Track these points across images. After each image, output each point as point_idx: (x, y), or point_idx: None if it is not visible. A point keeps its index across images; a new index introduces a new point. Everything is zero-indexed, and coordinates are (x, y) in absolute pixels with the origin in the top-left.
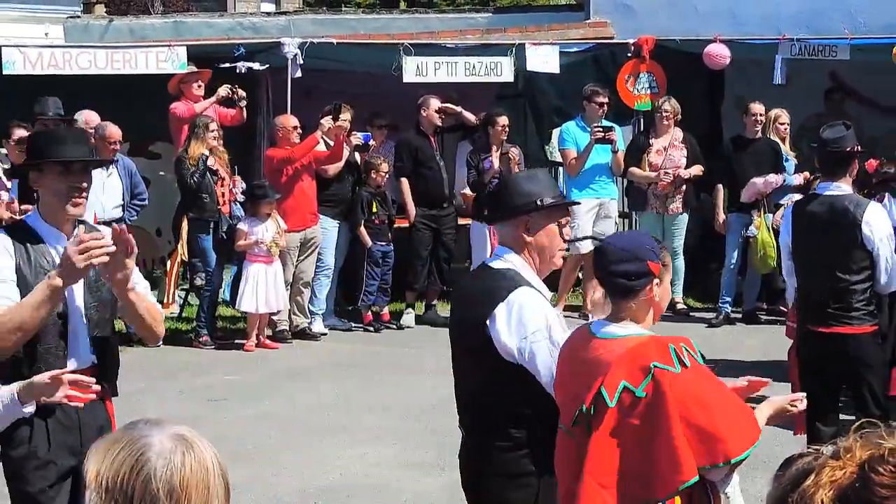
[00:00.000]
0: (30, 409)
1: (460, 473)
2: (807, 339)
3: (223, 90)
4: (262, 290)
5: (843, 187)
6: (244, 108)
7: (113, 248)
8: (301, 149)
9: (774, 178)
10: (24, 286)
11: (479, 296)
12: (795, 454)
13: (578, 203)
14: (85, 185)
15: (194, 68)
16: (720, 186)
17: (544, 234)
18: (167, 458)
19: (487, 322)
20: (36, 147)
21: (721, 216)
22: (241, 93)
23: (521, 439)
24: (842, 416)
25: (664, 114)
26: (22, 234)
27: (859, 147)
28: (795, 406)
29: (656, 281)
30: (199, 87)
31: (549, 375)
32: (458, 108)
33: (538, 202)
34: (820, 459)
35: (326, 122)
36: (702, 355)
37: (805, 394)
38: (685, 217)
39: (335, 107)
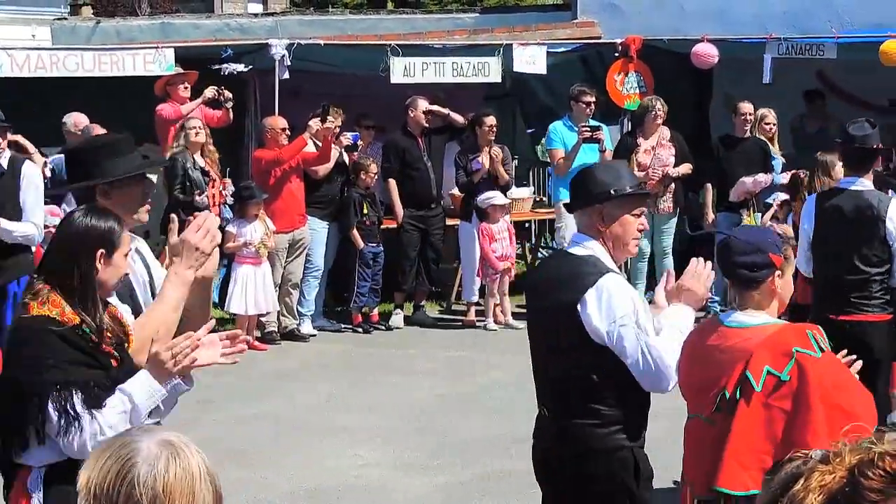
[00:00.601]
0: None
1: (542, 457)
2: (824, 327)
3: (209, 92)
4: (251, 291)
5: (866, 183)
6: (230, 110)
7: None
8: (289, 151)
9: (763, 178)
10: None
11: (567, 281)
12: (785, 458)
13: (650, 194)
14: (149, 190)
15: (181, 70)
16: (709, 186)
17: (619, 224)
18: (152, 465)
19: (578, 306)
20: (92, 162)
21: (710, 215)
22: (228, 94)
23: (612, 416)
24: None
25: (658, 112)
26: None
27: (881, 145)
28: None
29: (778, 272)
30: (186, 88)
31: (634, 357)
32: (446, 110)
33: (612, 191)
34: (809, 464)
35: (314, 123)
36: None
37: None
38: (675, 217)
39: (323, 108)
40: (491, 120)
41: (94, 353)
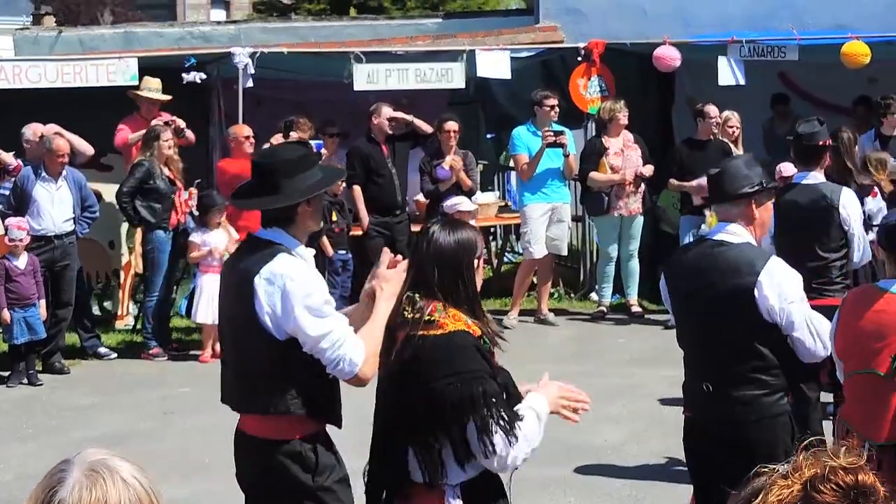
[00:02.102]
0: None
1: (706, 429)
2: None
3: (156, 122)
4: (216, 300)
5: (817, 176)
6: (186, 136)
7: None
8: (244, 173)
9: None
10: None
11: (734, 266)
12: (753, 473)
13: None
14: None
15: (157, 86)
16: (672, 180)
17: (765, 210)
18: (69, 493)
19: (755, 289)
20: (288, 174)
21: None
22: (180, 123)
23: (777, 385)
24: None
25: (623, 114)
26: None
27: (829, 141)
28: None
29: None
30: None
31: (802, 331)
32: (410, 117)
33: (763, 183)
34: (772, 477)
35: (276, 140)
36: None
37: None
38: (641, 219)
39: (285, 124)
40: (451, 125)
41: (492, 364)
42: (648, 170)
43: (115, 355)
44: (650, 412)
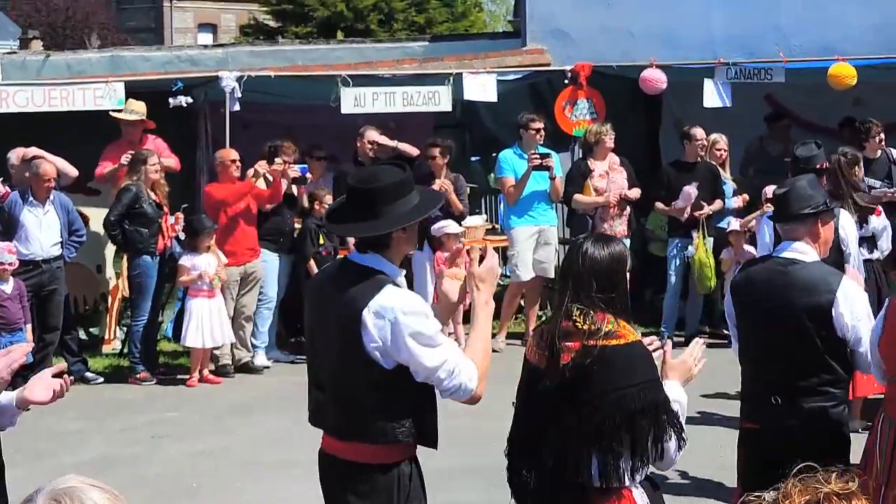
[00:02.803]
0: None
1: (779, 440)
2: None
3: (124, 159)
4: (206, 324)
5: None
6: (170, 165)
7: None
8: (234, 195)
9: (689, 189)
10: None
11: (811, 284)
12: (741, 500)
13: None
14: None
15: (142, 109)
16: (658, 204)
17: (829, 228)
18: None
19: (832, 307)
20: (387, 201)
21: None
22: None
23: (841, 397)
24: None
25: (609, 137)
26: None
27: (827, 164)
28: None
29: None
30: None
31: (866, 347)
32: (394, 143)
33: (826, 203)
34: None
35: (260, 167)
36: None
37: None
38: (627, 241)
39: (269, 150)
40: (435, 150)
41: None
42: (634, 193)
43: (101, 380)
44: None
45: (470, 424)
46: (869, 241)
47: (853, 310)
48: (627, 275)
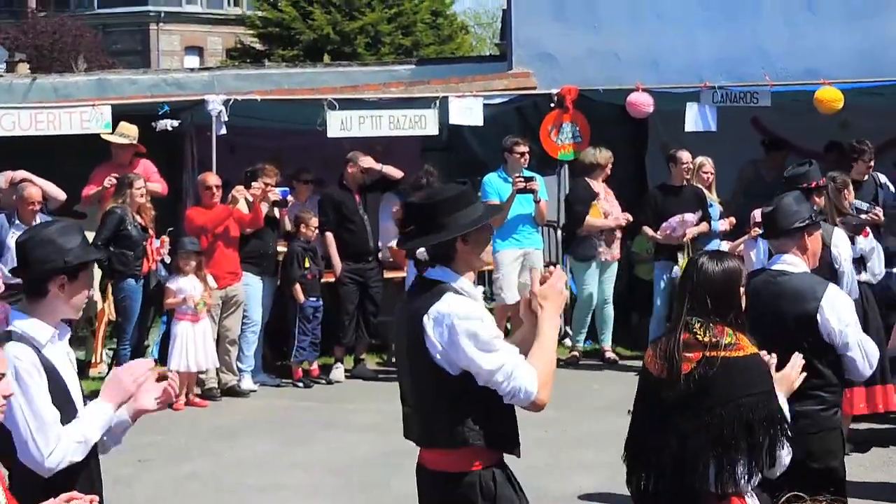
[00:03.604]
0: None
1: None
2: None
3: (107, 182)
4: (191, 348)
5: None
6: (156, 189)
7: None
8: (213, 221)
9: (691, 217)
10: None
11: (799, 293)
12: None
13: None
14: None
15: (134, 133)
16: (646, 228)
17: (815, 239)
18: None
19: (818, 313)
20: (448, 212)
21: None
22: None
23: (832, 401)
24: None
25: (608, 162)
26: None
27: (821, 182)
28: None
29: None
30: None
31: (854, 351)
32: (379, 166)
33: (812, 216)
34: None
35: (238, 192)
36: None
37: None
38: (616, 264)
39: (247, 175)
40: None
41: None
42: (628, 216)
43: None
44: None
45: None
46: (857, 263)
47: (840, 316)
48: (742, 289)
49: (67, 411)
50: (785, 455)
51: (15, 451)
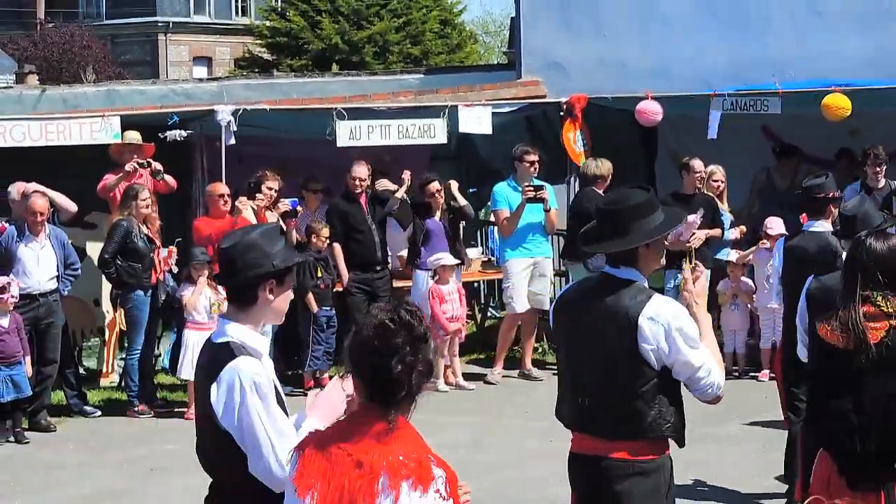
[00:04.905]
0: None
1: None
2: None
3: (129, 167)
4: None
5: (825, 225)
6: (166, 180)
7: None
8: (218, 231)
9: (693, 218)
10: None
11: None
12: None
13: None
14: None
15: (137, 137)
16: None
17: None
18: None
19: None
20: (630, 220)
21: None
22: (157, 165)
23: None
24: None
25: (610, 173)
26: None
27: (838, 193)
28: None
29: None
30: (132, 160)
31: None
32: (394, 188)
33: (885, 222)
34: None
35: (241, 203)
36: None
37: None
38: None
39: (249, 186)
40: (434, 185)
41: None
42: None
43: (99, 413)
44: None
45: (465, 457)
46: None
47: None
48: None
49: None
50: None
51: (233, 464)
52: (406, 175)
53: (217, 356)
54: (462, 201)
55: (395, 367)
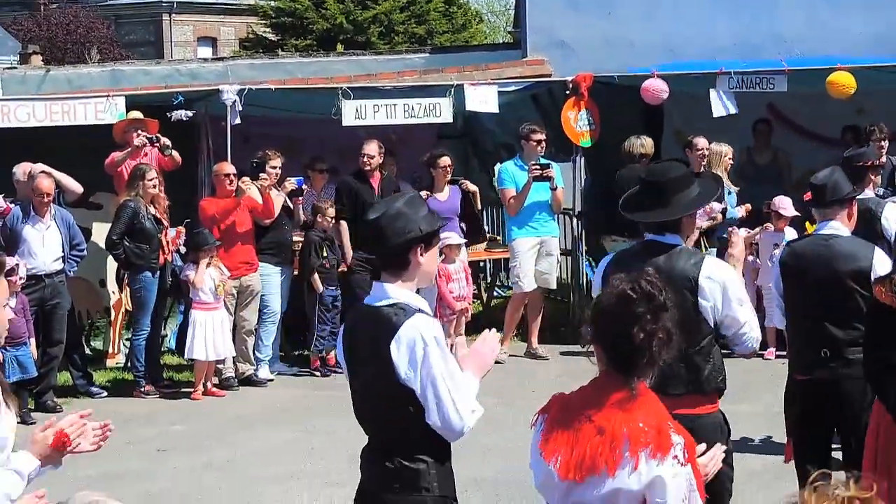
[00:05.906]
0: None
1: (821, 385)
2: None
3: (138, 141)
4: (209, 337)
5: (867, 192)
6: (173, 155)
7: None
8: (223, 211)
9: (716, 206)
10: None
11: (852, 253)
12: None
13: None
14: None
15: (139, 115)
16: None
17: (854, 208)
18: None
19: (871, 270)
20: (671, 191)
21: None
22: (165, 140)
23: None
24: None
25: (652, 150)
26: None
27: (878, 161)
28: None
29: None
30: (139, 135)
31: None
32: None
33: (855, 190)
34: None
35: (243, 183)
36: None
37: None
38: None
39: (252, 165)
40: (445, 160)
41: None
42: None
43: (106, 394)
44: None
45: (470, 438)
46: None
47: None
48: None
49: None
50: None
51: (406, 419)
52: None
53: (387, 317)
54: (472, 186)
55: (636, 335)
